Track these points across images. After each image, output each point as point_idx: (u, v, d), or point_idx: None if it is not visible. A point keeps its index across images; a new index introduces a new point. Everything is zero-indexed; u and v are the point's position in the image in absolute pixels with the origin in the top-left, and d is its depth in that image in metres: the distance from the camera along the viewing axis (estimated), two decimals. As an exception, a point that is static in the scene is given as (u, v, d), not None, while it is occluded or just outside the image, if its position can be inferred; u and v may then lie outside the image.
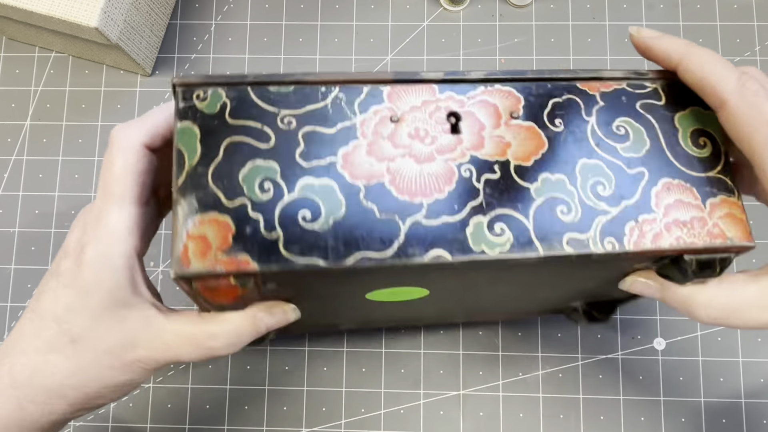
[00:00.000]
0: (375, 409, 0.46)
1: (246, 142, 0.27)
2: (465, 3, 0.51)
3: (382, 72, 0.28)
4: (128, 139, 0.28)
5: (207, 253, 0.25)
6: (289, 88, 0.27)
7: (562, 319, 0.46)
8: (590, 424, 0.45)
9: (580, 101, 0.29)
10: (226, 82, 0.27)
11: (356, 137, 0.27)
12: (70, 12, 0.42)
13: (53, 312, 0.28)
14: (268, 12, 0.52)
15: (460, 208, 0.27)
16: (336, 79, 0.27)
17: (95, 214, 0.28)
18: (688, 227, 0.28)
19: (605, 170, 0.28)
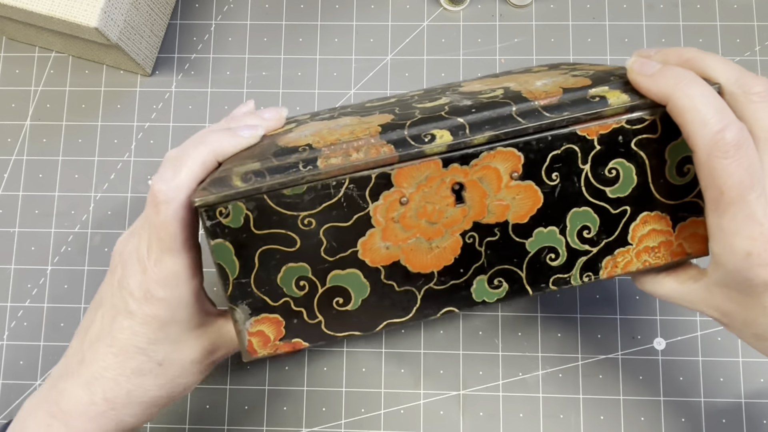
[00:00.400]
0: (375, 409, 0.46)
1: (276, 248, 0.29)
2: (465, 3, 0.51)
3: (387, 155, 0.28)
4: (173, 193, 0.30)
5: (267, 343, 0.30)
6: (302, 188, 0.29)
7: (562, 319, 0.46)
8: (590, 424, 0.45)
9: (578, 149, 0.29)
10: (243, 195, 0.28)
11: (372, 226, 0.29)
12: (70, 12, 0.42)
13: (136, 346, 0.32)
14: (268, 12, 0.52)
15: (465, 271, 0.30)
16: (344, 171, 0.28)
17: (154, 261, 0.31)
18: (655, 251, 0.31)
19: (592, 215, 0.30)
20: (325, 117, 0.34)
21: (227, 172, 0.29)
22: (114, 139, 0.50)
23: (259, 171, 0.28)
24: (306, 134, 0.31)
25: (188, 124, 0.50)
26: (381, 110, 0.32)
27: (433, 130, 0.29)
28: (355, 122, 0.31)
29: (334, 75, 0.50)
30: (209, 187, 0.28)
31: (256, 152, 0.30)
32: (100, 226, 0.49)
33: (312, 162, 0.28)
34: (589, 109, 0.29)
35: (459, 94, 0.32)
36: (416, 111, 0.31)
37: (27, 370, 0.47)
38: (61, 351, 0.47)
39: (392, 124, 0.30)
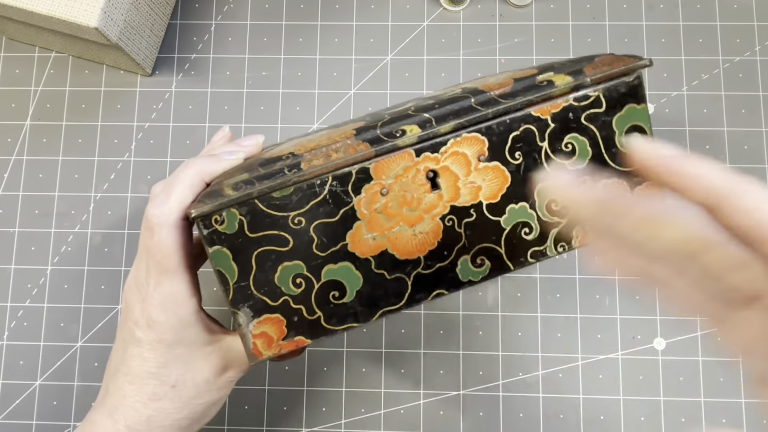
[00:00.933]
0: (375, 409, 0.46)
1: (270, 249, 0.31)
2: (465, 3, 0.51)
3: (364, 152, 0.31)
4: (167, 217, 0.32)
5: (271, 344, 0.32)
6: (289, 189, 0.31)
7: (562, 319, 0.46)
8: (590, 424, 0.45)
9: (535, 129, 0.32)
10: (236, 202, 0.30)
11: (357, 218, 0.31)
12: (70, 12, 0.42)
13: (147, 371, 0.33)
14: (268, 12, 0.52)
15: (449, 253, 0.32)
16: (326, 170, 0.31)
17: (153, 285, 0.32)
18: None
19: None
20: (302, 136, 0.37)
21: (218, 186, 0.31)
22: (114, 139, 0.50)
23: (249, 180, 0.31)
24: (287, 146, 0.33)
25: (188, 124, 0.50)
26: (354, 122, 0.35)
27: (403, 126, 0.32)
28: (331, 132, 0.34)
29: (334, 75, 0.50)
30: (204, 200, 0.31)
31: (243, 167, 0.33)
32: (100, 226, 0.49)
33: (296, 166, 0.31)
34: (539, 92, 0.32)
35: (423, 99, 0.35)
36: (385, 115, 0.33)
37: (27, 370, 0.47)
38: (61, 351, 0.47)
39: (365, 126, 0.32)
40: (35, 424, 0.46)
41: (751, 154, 0.48)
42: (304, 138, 0.35)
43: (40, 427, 0.46)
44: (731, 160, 0.48)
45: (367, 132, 0.32)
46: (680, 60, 0.49)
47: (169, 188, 0.33)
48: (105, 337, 0.47)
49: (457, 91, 0.34)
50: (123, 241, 0.48)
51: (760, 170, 0.48)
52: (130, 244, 0.48)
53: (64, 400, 0.47)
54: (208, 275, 0.36)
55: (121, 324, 0.34)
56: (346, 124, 0.36)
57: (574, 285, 0.47)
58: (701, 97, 0.49)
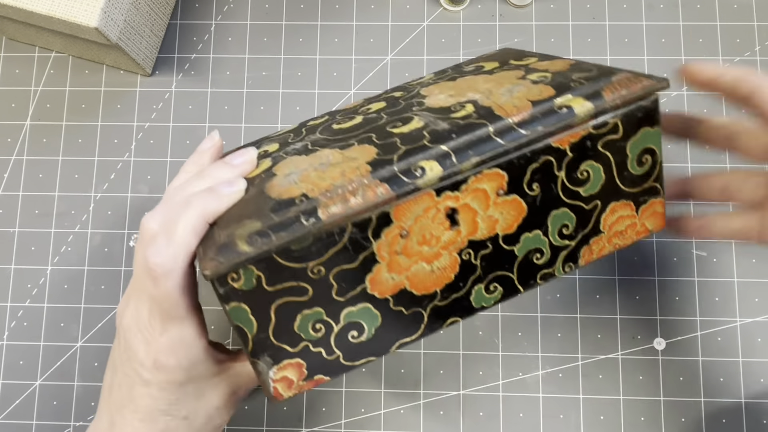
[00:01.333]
0: (375, 409, 0.46)
1: (290, 301, 0.30)
2: (465, 3, 0.51)
3: (384, 196, 0.29)
4: (170, 264, 0.30)
5: (292, 385, 0.32)
6: (308, 240, 0.29)
7: (562, 319, 0.46)
8: (590, 424, 0.45)
9: (553, 160, 0.32)
10: (253, 259, 0.28)
11: (377, 261, 0.31)
12: (70, 12, 0.42)
13: (158, 409, 0.32)
14: (268, 12, 0.52)
15: (464, 284, 0.32)
16: (346, 218, 0.29)
17: (159, 330, 0.31)
18: (623, 234, 0.34)
19: (569, 214, 0.33)
20: (298, 148, 0.34)
21: (230, 237, 0.29)
22: (114, 139, 0.50)
23: (263, 231, 0.29)
24: (295, 180, 0.31)
25: (188, 124, 0.50)
26: (357, 139, 0.33)
27: (422, 162, 0.30)
28: (338, 158, 0.31)
29: (334, 75, 0.50)
30: (217, 257, 0.28)
31: (251, 208, 0.30)
32: (100, 226, 0.49)
33: (313, 213, 0.29)
34: (560, 121, 0.31)
35: (429, 112, 0.34)
36: (396, 139, 0.31)
37: (27, 370, 0.47)
38: (61, 351, 0.47)
39: (379, 160, 0.30)
40: (35, 424, 0.46)
41: (751, 154, 0.48)
42: (309, 162, 0.32)
43: (40, 427, 0.46)
44: (731, 160, 0.48)
45: (383, 168, 0.30)
46: (680, 60, 0.49)
47: (170, 232, 0.30)
48: (105, 337, 0.47)
49: (469, 110, 0.32)
50: (123, 241, 0.48)
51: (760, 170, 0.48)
52: (130, 244, 0.48)
53: (64, 400, 0.47)
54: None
55: (122, 359, 0.33)
56: (348, 138, 0.34)
57: (574, 285, 0.47)
58: (701, 97, 0.49)
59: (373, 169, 0.30)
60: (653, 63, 0.49)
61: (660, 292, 0.46)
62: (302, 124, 0.39)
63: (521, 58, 0.39)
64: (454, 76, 0.39)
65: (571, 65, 0.35)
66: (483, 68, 0.39)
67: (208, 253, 0.29)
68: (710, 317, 0.46)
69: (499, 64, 0.39)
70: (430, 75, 0.41)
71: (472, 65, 0.40)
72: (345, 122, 0.36)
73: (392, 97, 0.38)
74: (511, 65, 0.38)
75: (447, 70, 0.41)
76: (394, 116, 0.34)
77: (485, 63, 0.40)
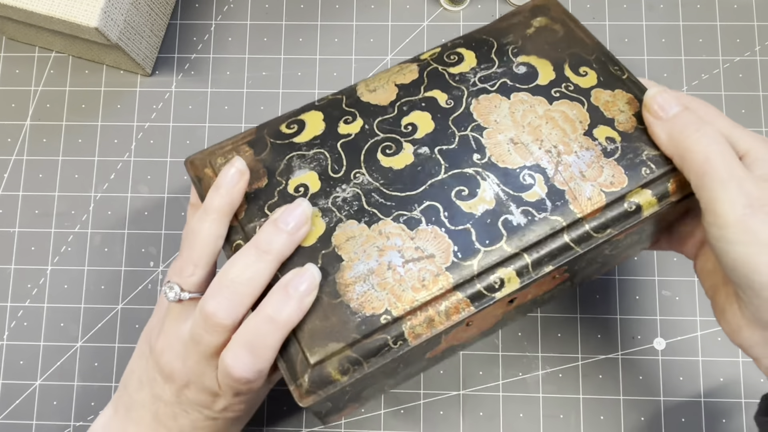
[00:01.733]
0: (375, 409, 0.46)
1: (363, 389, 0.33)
2: (465, 3, 0.51)
3: (466, 313, 0.31)
4: (256, 379, 0.31)
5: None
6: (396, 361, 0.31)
7: (562, 319, 0.46)
8: (590, 424, 0.45)
9: (608, 245, 0.34)
10: (348, 386, 0.30)
11: (439, 343, 0.33)
12: (70, 12, 0.42)
13: (194, 426, 0.35)
14: (268, 12, 0.52)
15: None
16: (431, 336, 0.31)
17: (230, 396, 0.33)
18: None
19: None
20: (350, 204, 0.33)
21: (322, 367, 0.30)
22: (114, 139, 0.50)
23: (355, 359, 0.30)
24: (373, 285, 0.31)
25: (188, 124, 0.50)
26: (422, 210, 0.33)
27: (500, 271, 0.31)
28: (411, 251, 0.32)
29: (334, 75, 0.50)
30: (315, 390, 0.29)
31: (333, 321, 0.30)
32: (100, 226, 0.49)
33: (401, 337, 0.30)
34: (628, 222, 0.33)
35: (495, 175, 0.34)
36: (470, 229, 0.32)
37: (27, 370, 0.47)
38: (61, 351, 0.47)
39: (459, 267, 0.31)
40: (35, 424, 0.46)
41: (751, 154, 0.48)
42: (369, 230, 0.33)
43: (40, 427, 0.46)
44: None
45: (467, 284, 0.31)
46: (680, 60, 0.49)
47: (257, 351, 0.30)
48: (105, 337, 0.47)
49: (541, 190, 0.33)
50: (123, 241, 0.48)
51: (760, 170, 0.48)
52: (130, 244, 0.48)
53: (64, 400, 0.47)
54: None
55: (159, 390, 0.34)
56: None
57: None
58: (701, 97, 0.49)
59: (455, 285, 0.31)
60: (653, 63, 0.49)
61: (660, 292, 0.46)
62: (328, 125, 0.36)
63: (576, 64, 0.37)
64: (503, 84, 0.37)
65: (637, 106, 0.35)
66: (536, 76, 0.37)
67: (299, 379, 0.30)
68: (710, 317, 0.46)
69: (553, 66, 0.37)
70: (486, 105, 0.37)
71: (511, 45, 0.38)
72: (394, 156, 0.34)
73: (437, 105, 0.36)
74: (569, 88, 0.36)
75: (483, 46, 0.38)
76: (454, 170, 0.34)
77: (528, 57, 0.37)
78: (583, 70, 0.36)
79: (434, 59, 0.38)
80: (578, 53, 0.37)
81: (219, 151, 0.36)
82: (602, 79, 0.36)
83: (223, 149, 0.36)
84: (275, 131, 0.36)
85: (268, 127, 0.36)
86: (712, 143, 0.30)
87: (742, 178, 0.30)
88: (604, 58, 0.37)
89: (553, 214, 0.32)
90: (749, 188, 0.29)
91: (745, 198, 0.29)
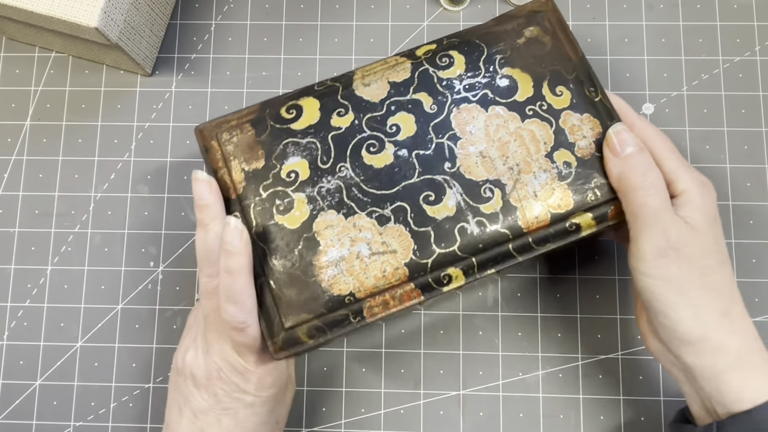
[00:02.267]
0: (375, 409, 0.46)
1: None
2: (465, 3, 0.51)
3: (416, 299, 0.37)
4: (249, 319, 0.36)
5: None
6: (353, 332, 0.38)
7: (562, 319, 0.46)
8: (590, 424, 0.45)
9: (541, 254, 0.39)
10: (314, 347, 0.39)
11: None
12: (70, 12, 0.42)
13: (261, 422, 0.38)
14: (268, 12, 0.52)
15: None
16: (384, 316, 0.37)
17: (252, 362, 0.37)
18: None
19: None
20: (332, 195, 0.38)
21: (294, 331, 0.36)
22: (114, 139, 0.50)
23: (321, 327, 0.36)
24: (342, 271, 0.37)
25: (188, 124, 0.50)
26: (392, 210, 0.38)
27: (450, 270, 0.37)
28: (378, 245, 0.37)
29: (334, 75, 0.50)
30: (287, 348, 0.36)
31: (306, 296, 0.37)
32: (100, 226, 0.49)
33: (359, 314, 0.37)
34: (567, 239, 0.38)
35: (460, 185, 0.38)
36: (429, 231, 0.37)
37: (27, 370, 0.47)
38: (61, 351, 0.47)
39: (416, 264, 0.37)
40: (35, 424, 0.46)
41: (751, 154, 0.48)
42: (346, 222, 0.38)
43: (40, 427, 0.46)
44: (731, 160, 0.48)
45: (420, 277, 0.37)
46: (680, 60, 0.49)
47: (234, 299, 0.35)
48: (105, 337, 0.47)
49: (497, 204, 0.38)
50: (123, 241, 0.48)
51: (760, 170, 0.48)
52: (130, 244, 0.48)
53: (64, 400, 0.47)
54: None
55: (198, 399, 0.37)
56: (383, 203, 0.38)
57: (574, 285, 0.47)
58: (701, 97, 0.49)
59: (410, 276, 0.37)
60: (653, 63, 0.49)
61: (660, 292, 0.46)
62: (323, 115, 0.40)
63: (555, 81, 0.40)
64: (484, 95, 0.40)
65: (600, 133, 0.39)
66: (515, 91, 0.40)
67: (275, 338, 0.36)
68: (710, 317, 0.46)
69: (533, 82, 0.40)
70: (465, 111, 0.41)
71: (500, 55, 0.40)
72: (376, 155, 0.39)
73: (422, 109, 0.39)
74: (542, 107, 0.39)
75: (473, 53, 0.41)
76: (426, 175, 0.38)
77: (513, 70, 0.40)
78: (560, 89, 0.39)
79: (428, 59, 0.40)
80: (559, 71, 0.40)
81: (225, 125, 0.40)
82: (575, 101, 0.39)
83: (229, 123, 0.40)
84: (276, 114, 0.39)
85: (270, 107, 0.40)
86: (651, 191, 0.36)
87: (667, 224, 0.35)
88: (582, 77, 0.40)
89: (503, 227, 0.37)
90: (670, 233, 0.35)
91: (664, 242, 0.35)
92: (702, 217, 0.36)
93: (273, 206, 0.38)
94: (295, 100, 0.40)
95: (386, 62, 0.41)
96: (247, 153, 0.39)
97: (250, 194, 0.38)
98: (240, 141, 0.39)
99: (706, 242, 0.36)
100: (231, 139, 0.39)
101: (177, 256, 0.48)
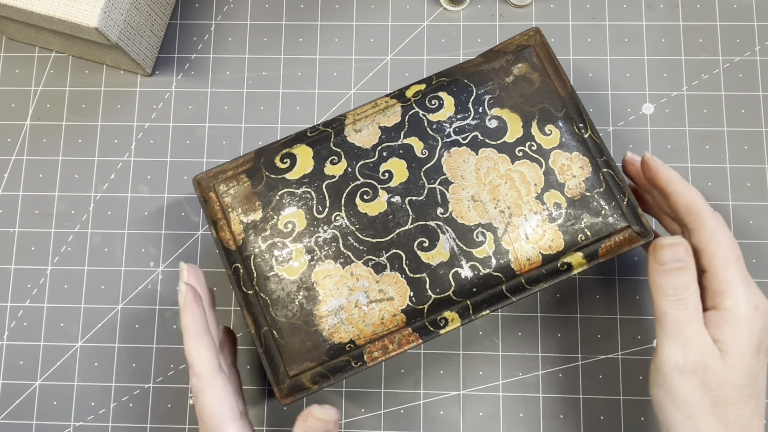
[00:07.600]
0: (375, 409, 0.46)
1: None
2: (465, 3, 0.51)
3: (414, 343, 0.38)
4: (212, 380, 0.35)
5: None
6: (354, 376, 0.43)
7: (562, 319, 0.46)
8: (590, 424, 0.45)
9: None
10: (317, 391, 0.39)
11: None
12: (70, 12, 0.42)
13: None
14: (268, 12, 0.52)
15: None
16: (384, 360, 0.38)
17: None
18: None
19: None
20: (329, 245, 0.39)
21: (298, 379, 0.38)
22: (114, 139, 0.50)
23: (324, 374, 0.38)
24: (342, 320, 0.38)
25: (188, 124, 0.50)
26: (388, 257, 0.39)
27: (446, 313, 0.38)
28: (375, 293, 0.38)
29: (334, 75, 0.50)
30: (293, 394, 0.37)
31: (308, 345, 0.38)
32: (100, 226, 0.49)
33: (360, 358, 0.38)
34: (558, 277, 0.38)
35: (453, 231, 0.39)
36: (425, 278, 0.38)
37: (27, 370, 0.47)
38: (61, 351, 0.47)
39: (412, 309, 0.38)
40: (35, 424, 0.46)
41: (751, 154, 0.48)
42: (344, 270, 0.39)
43: (40, 427, 0.46)
44: (731, 160, 0.48)
45: (416, 321, 0.38)
46: (680, 60, 0.49)
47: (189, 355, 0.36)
48: (105, 337, 0.47)
49: (490, 248, 0.38)
50: (123, 241, 0.48)
51: (760, 170, 0.48)
52: (130, 244, 0.48)
53: (64, 400, 0.47)
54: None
55: None
56: (378, 251, 0.39)
57: (574, 285, 0.47)
58: (701, 97, 0.49)
59: (407, 321, 0.38)
60: (653, 63, 0.49)
61: (660, 292, 0.46)
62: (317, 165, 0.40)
63: (544, 120, 0.40)
64: (474, 138, 0.40)
65: (588, 176, 0.39)
66: (505, 132, 0.40)
67: (281, 385, 0.38)
68: (710, 317, 0.46)
69: (522, 122, 0.40)
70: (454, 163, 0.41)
71: (488, 95, 0.41)
72: (370, 202, 0.39)
73: (413, 154, 0.40)
74: (532, 147, 0.40)
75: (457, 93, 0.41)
76: (420, 221, 0.39)
77: (502, 110, 0.40)
78: (549, 128, 0.40)
79: (417, 102, 0.41)
80: (548, 109, 0.40)
81: (222, 176, 0.40)
82: (563, 140, 0.40)
83: (226, 174, 0.40)
84: (270, 164, 0.40)
85: (265, 155, 0.40)
86: (678, 305, 0.34)
87: (689, 340, 0.34)
88: (572, 113, 0.40)
89: (496, 271, 0.38)
90: (690, 351, 0.34)
91: (682, 358, 0.34)
92: (739, 343, 0.33)
93: (272, 257, 0.39)
94: (289, 148, 0.41)
95: (376, 104, 0.41)
96: (245, 204, 0.40)
97: (249, 246, 0.39)
98: (237, 193, 0.40)
99: (734, 373, 0.33)
100: (228, 191, 0.40)
101: (177, 256, 0.48)
